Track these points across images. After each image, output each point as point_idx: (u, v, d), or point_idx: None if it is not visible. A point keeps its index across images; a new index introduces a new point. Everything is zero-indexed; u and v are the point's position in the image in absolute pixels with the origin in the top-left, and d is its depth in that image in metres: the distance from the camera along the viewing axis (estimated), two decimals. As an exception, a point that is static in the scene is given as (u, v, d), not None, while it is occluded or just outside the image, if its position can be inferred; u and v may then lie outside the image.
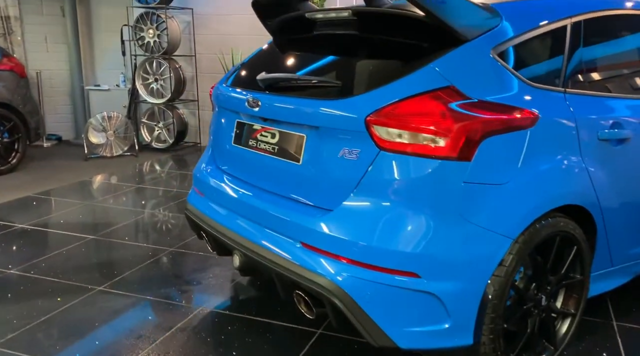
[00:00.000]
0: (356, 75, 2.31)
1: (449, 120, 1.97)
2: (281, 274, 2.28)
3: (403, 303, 2.03)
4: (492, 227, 2.05)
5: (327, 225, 2.14)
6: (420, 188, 1.99)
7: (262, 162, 2.53)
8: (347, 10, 2.44)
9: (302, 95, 2.33)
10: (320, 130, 2.21)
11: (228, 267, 3.52)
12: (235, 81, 2.83)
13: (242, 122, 2.68)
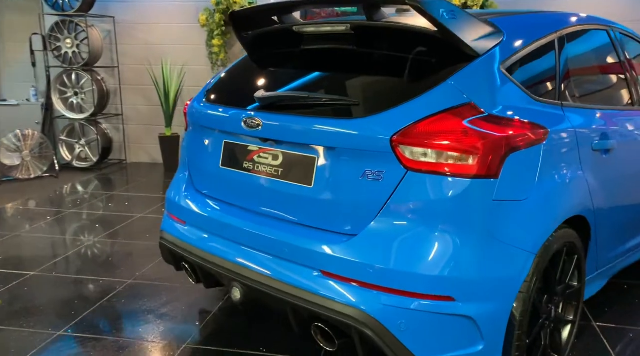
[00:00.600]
0: (368, 93, 2.20)
1: (475, 138, 1.93)
2: (297, 306, 2.12)
3: (439, 329, 1.95)
4: (518, 243, 2.04)
5: (353, 251, 2.02)
6: (452, 208, 1.93)
7: (261, 186, 2.35)
8: (347, 24, 2.35)
9: (311, 114, 2.19)
10: (337, 151, 2.09)
11: (199, 295, 3.28)
12: (218, 98, 2.63)
13: (232, 143, 2.49)
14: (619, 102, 2.98)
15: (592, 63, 2.90)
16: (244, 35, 2.84)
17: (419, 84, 2.11)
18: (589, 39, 2.85)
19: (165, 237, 2.75)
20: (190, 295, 3.31)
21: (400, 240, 1.97)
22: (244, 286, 2.32)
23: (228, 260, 2.38)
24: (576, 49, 2.69)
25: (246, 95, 2.53)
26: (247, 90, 2.59)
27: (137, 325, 2.96)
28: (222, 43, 6.55)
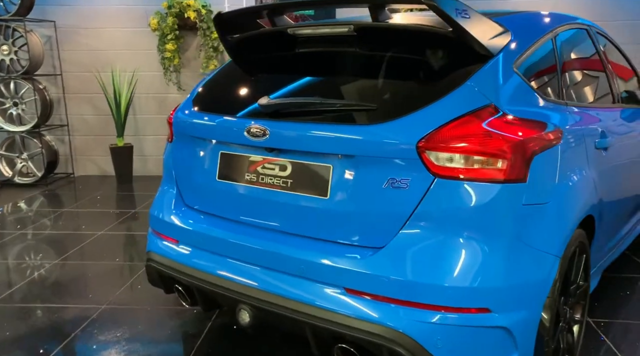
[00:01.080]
0: (382, 97, 2.08)
1: (502, 141, 1.86)
2: (318, 327, 1.97)
3: (475, 343, 1.86)
4: (546, 247, 1.98)
5: (380, 265, 1.89)
6: (483, 215, 1.84)
7: (267, 199, 2.19)
8: (350, 25, 2.23)
9: (325, 120, 2.05)
10: (357, 159, 1.96)
11: (183, 317, 3.05)
12: (210, 106, 2.44)
13: (230, 154, 2.31)
14: (605, 99, 3.02)
15: (581, 62, 2.92)
16: (229, 39, 2.67)
17: (435, 86, 2.02)
18: (575, 38, 2.86)
19: (154, 258, 2.53)
20: (174, 318, 3.08)
21: (432, 250, 1.86)
22: (253, 309, 2.14)
23: (233, 281, 2.20)
24: (568, 48, 2.69)
25: (243, 102, 2.37)
26: (243, 97, 2.42)
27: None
28: (175, 47, 6.27)
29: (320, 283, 1.99)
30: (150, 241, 2.63)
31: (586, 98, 2.80)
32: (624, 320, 3.00)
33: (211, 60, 6.36)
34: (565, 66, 2.59)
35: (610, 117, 2.84)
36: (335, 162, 2.01)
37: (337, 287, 1.96)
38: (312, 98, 2.16)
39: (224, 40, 2.67)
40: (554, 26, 2.57)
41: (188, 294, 2.45)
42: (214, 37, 6.29)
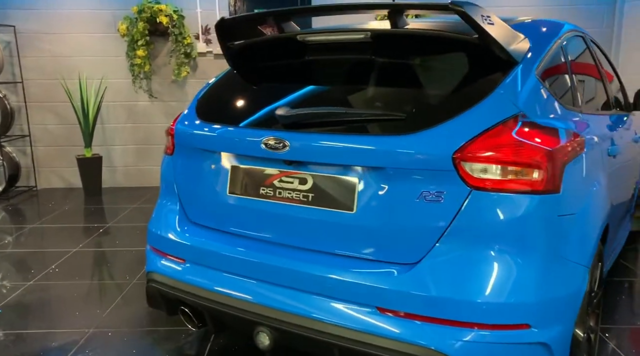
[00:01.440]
0: (409, 106, 1.99)
1: (536, 151, 1.80)
2: (347, 349, 1.87)
3: (515, 362, 1.80)
4: (578, 259, 1.95)
5: (415, 283, 1.80)
6: (521, 227, 1.78)
7: (286, 214, 2.07)
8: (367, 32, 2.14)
9: (350, 131, 1.95)
10: (387, 171, 1.86)
11: (180, 339, 2.88)
12: (217, 116, 2.30)
13: (242, 167, 2.18)
14: (606, 105, 3.04)
15: (585, 68, 2.93)
16: (229, 46, 2.54)
17: (463, 94, 1.96)
18: (577, 45, 2.87)
19: (156, 279, 2.36)
20: (170, 340, 2.89)
21: (470, 266, 1.79)
22: (274, 331, 2.02)
23: (250, 302, 2.07)
24: (573, 55, 2.69)
25: (255, 113, 2.24)
26: (254, 107, 2.29)
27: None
28: (146, 54, 6.04)
29: (349, 302, 1.89)
30: (150, 260, 2.46)
31: (594, 105, 2.81)
32: (626, 325, 3.02)
33: (183, 67, 6.16)
34: (574, 73, 2.58)
35: (615, 123, 2.86)
36: (362, 175, 1.92)
37: (368, 306, 1.86)
38: (335, 109, 2.05)
39: (224, 47, 2.54)
40: (562, 33, 2.56)
41: (195, 316, 2.30)
42: (187, 43, 6.10)
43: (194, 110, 2.42)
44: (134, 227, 4.95)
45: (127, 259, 4.14)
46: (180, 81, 6.30)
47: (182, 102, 6.43)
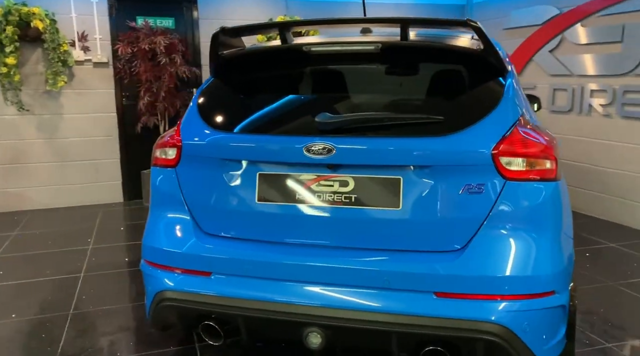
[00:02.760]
0: (437, 109, 2.19)
1: (545, 145, 2.15)
2: (407, 334, 2.03)
3: (546, 322, 2.11)
4: (570, 233, 2.33)
5: (466, 267, 2.02)
6: (546, 210, 2.11)
7: (326, 217, 2.14)
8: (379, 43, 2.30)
9: (392, 134, 2.10)
10: (433, 168, 2.06)
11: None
12: (232, 126, 2.28)
13: (271, 174, 2.19)
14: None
15: None
16: (221, 54, 2.51)
17: (481, 99, 2.21)
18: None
19: (173, 297, 2.26)
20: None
21: (509, 246, 2.06)
22: (327, 329, 2.08)
23: (299, 304, 2.10)
24: None
25: (282, 120, 2.28)
26: (277, 115, 2.32)
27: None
28: (16, 62, 5.38)
29: (407, 291, 2.04)
30: (156, 279, 2.33)
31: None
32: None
33: (59, 76, 5.61)
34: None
35: None
36: (406, 173, 2.08)
37: (426, 293, 2.03)
38: (375, 114, 2.18)
39: (215, 55, 2.50)
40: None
41: (221, 328, 2.24)
42: (63, 50, 5.58)
43: (199, 120, 2.34)
44: (24, 257, 4.42)
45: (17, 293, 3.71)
46: (54, 92, 5.73)
47: (57, 114, 5.86)
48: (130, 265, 4.21)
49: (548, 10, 5.77)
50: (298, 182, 2.17)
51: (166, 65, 5.59)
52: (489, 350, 2.02)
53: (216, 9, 6.25)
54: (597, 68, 5.27)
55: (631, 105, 4.97)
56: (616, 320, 3.18)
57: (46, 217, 5.67)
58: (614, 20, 5.05)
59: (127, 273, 4.08)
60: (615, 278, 3.81)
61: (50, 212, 5.85)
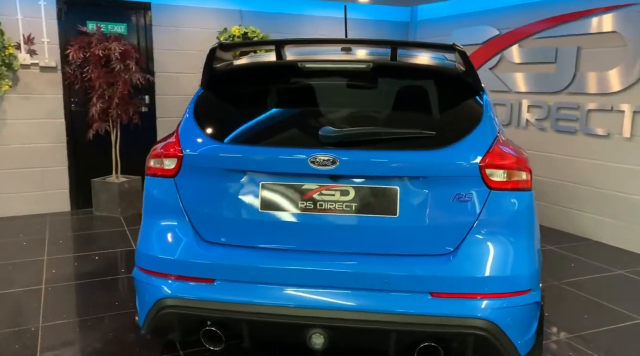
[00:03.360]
0: (427, 125, 2.38)
1: (520, 158, 2.40)
2: (405, 332, 2.20)
3: (525, 317, 2.34)
4: (539, 236, 2.59)
5: (458, 269, 2.23)
6: (523, 217, 2.35)
7: (329, 224, 2.28)
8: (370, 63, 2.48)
9: (391, 147, 2.27)
10: (428, 179, 2.25)
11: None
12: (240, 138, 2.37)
13: (274, 184, 2.31)
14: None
15: None
16: (215, 67, 2.60)
17: (465, 116, 2.43)
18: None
19: (174, 304, 2.31)
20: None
21: (494, 249, 2.28)
22: (330, 330, 2.22)
23: (302, 307, 2.23)
24: None
25: (283, 133, 2.40)
26: (278, 128, 2.44)
27: None
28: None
29: (405, 292, 2.22)
30: (156, 286, 2.37)
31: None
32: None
33: (4, 81, 5.39)
34: None
35: None
36: (403, 183, 2.26)
37: (423, 293, 2.22)
38: (374, 128, 2.34)
39: (210, 68, 2.58)
40: None
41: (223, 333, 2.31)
42: (8, 53, 5.36)
43: (199, 131, 2.41)
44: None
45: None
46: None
47: (0, 120, 5.60)
48: (92, 276, 4.13)
49: (488, 31, 6.22)
50: (301, 192, 2.29)
51: (120, 72, 5.51)
52: (478, 344, 2.23)
53: (170, 16, 6.23)
54: (533, 85, 5.75)
55: (564, 120, 5.46)
56: (558, 316, 3.52)
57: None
58: (549, 43, 5.53)
59: (91, 284, 4.00)
60: (558, 277, 4.19)
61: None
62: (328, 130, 2.26)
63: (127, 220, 5.73)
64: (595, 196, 5.24)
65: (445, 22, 6.89)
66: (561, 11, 5.37)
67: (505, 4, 6.01)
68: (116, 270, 4.29)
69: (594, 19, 5.08)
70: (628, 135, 4.86)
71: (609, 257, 4.76)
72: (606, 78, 5.01)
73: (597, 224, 5.24)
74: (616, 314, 3.56)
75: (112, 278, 4.10)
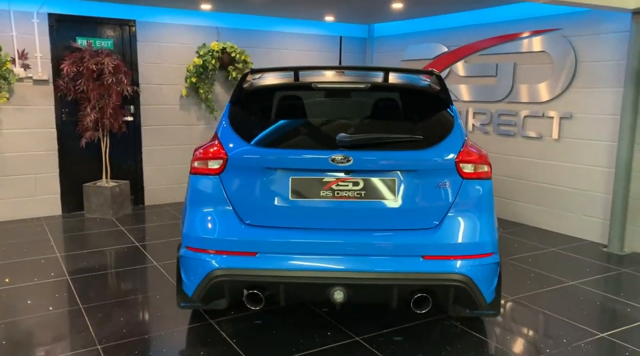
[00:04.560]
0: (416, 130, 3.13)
1: (483, 155, 3.20)
2: (404, 285, 2.95)
3: (489, 273, 3.13)
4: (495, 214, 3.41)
5: (442, 237, 3.00)
6: (486, 198, 3.15)
7: (344, 207, 2.99)
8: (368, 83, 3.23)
9: (390, 148, 3.01)
10: (419, 172, 3.01)
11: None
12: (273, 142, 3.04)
13: (301, 178, 3.00)
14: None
15: None
16: (244, 86, 3.27)
17: (442, 123, 3.20)
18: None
19: (225, 274, 2.95)
20: (188, 337, 3.35)
21: (469, 222, 3.06)
22: (348, 288, 2.93)
23: (327, 270, 2.93)
24: None
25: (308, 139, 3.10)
26: (301, 135, 3.13)
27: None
28: (-40, 78, 5.47)
29: (403, 256, 2.96)
30: (207, 261, 2.99)
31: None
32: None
33: (1, 93, 5.77)
34: None
35: None
36: (400, 175, 3.01)
37: (416, 257, 2.97)
38: (376, 134, 3.06)
39: (241, 87, 3.25)
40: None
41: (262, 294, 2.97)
42: (6, 68, 5.75)
43: (237, 138, 3.06)
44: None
45: None
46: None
47: (-4, 130, 5.97)
48: (107, 268, 4.65)
49: (438, 48, 7.13)
50: (322, 183, 3.00)
51: (112, 84, 6.00)
52: (457, 293, 3.00)
53: (153, 32, 6.75)
54: (477, 95, 6.69)
55: (504, 125, 6.43)
56: (508, 284, 4.39)
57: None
58: (490, 59, 6.49)
59: (110, 274, 4.53)
60: (506, 255, 5.08)
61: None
62: (343, 136, 2.98)
63: (120, 221, 6.21)
64: (530, 188, 6.22)
65: (400, 39, 7.76)
66: (500, 32, 6.34)
67: (453, 24, 6.94)
68: (127, 263, 4.81)
69: (527, 40, 6.07)
70: (556, 137, 5.86)
71: (543, 238, 5.73)
72: (538, 89, 6.00)
73: (532, 212, 6.22)
74: (551, 280, 4.47)
75: (125, 269, 4.64)
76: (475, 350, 3.28)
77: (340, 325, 3.50)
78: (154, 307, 3.88)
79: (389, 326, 3.49)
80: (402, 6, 6.26)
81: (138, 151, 6.86)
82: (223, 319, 3.58)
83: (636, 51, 4.93)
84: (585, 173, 5.64)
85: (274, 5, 6.27)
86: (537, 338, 3.51)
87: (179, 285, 3.28)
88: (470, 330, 3.52)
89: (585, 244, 5.53)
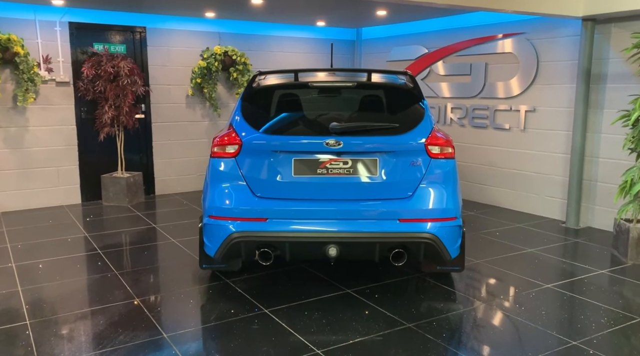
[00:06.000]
0: (394, 119, 3.90)
1: (448, 139, 3.96)
2: (385, 243, 3.70)
3: (453, 234, 3.89)
4: (459, 187, 4.17)
5: (415, 204, 3.76)
6: (450, 174, 3.91)
7: (336, 182, 3.74)
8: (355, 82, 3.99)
9: (373, 134, 3.77)
10: (396, 153, 3.77)
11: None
12: (279, 131, 3.79)
13: (302, 159, 3.74)
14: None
15: None
16: (254, 86, 4.02)
17: (415, 114, 3.96)
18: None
19: (240, 236, 3.69)
20: (209, 291, 4.08)
21: (436, 193, 3.82)
22: (339, 245, 3.68)
23: (322, 231, 3.68)
24: None
25: (308, 127, 3.84)
26: (304, 123, 3.87)
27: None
28: (-5, 81, 6.15)
29: (384, 220, 3.72)
30: (226, 227, 3.72)
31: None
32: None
33: (29, 94, 6.47)
34: None
35: None
36: (381, 156, 3.76)
37: (394, 220, 3.72)
38: (362, 123, 3.82)
39: (250, 87, 3.99)
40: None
41: (273, 252, 3.72)
42: (33, 71, 6.44)
43: (249, 127, 3.80)
44: (38, 244, 5.36)
45: (84, 261, 4.78)
46: (19, 107, 6.55)
47: (23, 128, 6.66)
48: (132, 245, 5.38)
49: (419, 49, 7.90)
50: (318, 163, 3.74)
51: (127, 85, 6.71)
52: (427, 248, 3.76)
53: (161, 37, 7.47)
54: (454, 92, 7.46)
55: (478, 118, 7.21)
56: (476, 251, 5.16)
57: (15, 217, 6.44)
58: (465, 59, 7.27)
59: (136, 249, 5.26)
60: (477, 230, 5.86)
61: (15, 213, 6.61)
62: (335, 124, 3.73)
63: (135, 207, 6.93)
64: (500, 174, 7.01)
65: (385, 42, 8.52)
66: (474, 36, 7.11)
67: (432, 28, 7.71)
68: (148, 240, 5.54)
69: (497, 42, 6.85)
70: (522, 128, 6.65)
71: (511, 217, 6.52)
72: (507, 86, 6.78)
73: (502, 195, 7.01)
74: (513, 248, 5.26)
75: (148, 245, 5.37)
76: (444, 298, 4.04)
77: (333, 281, 4.26)
78: (178, 272, 4.61)
79: (374, 282, 4.25)
80: (386, 13, 7.01)
81: (149, 145, 7.58)
82: (237, 279, 4.32)
83: (586, 52, 5.72)
84: (547, 159, 6.44)
85: (271, 12, 7.01)
86: (495, 288, 4.28)
87: (201, 250, 4.02)
88: (441, 284, 4.28)
89: (547, 221, 6.32)
